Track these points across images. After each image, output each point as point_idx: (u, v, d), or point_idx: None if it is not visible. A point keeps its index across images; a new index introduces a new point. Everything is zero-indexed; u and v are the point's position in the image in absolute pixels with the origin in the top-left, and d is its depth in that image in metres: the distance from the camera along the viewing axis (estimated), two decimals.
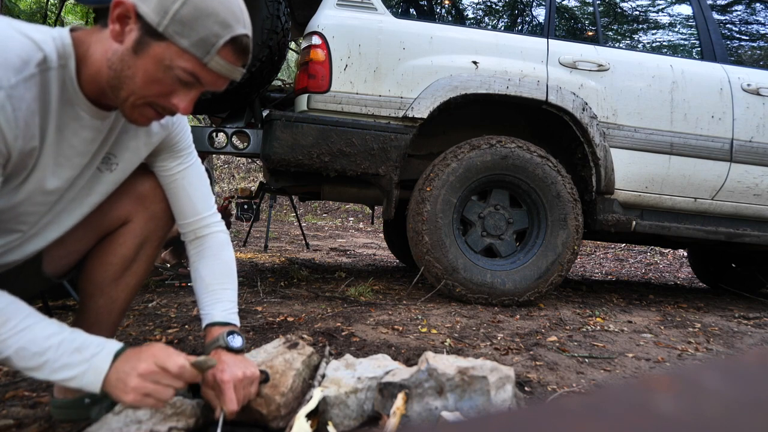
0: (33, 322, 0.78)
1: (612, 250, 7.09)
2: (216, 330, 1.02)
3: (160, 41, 0.78)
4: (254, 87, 2.57)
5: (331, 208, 12.10)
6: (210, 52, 0.80)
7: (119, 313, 1.12)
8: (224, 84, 0.86)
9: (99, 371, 0.80)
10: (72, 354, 0.79)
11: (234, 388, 0.92)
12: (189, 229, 1.10)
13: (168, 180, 1.07)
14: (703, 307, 2.82)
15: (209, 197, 1.13)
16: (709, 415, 0.18)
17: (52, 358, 0.77)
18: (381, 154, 2.30)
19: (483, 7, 2.72)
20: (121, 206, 1.06)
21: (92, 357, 0.80)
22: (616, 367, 1.54)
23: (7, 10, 6.23)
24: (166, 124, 1.02)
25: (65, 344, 0.79)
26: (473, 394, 0.96)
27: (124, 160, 0.99)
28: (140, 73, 0.80)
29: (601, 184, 2.47)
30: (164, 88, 0.82)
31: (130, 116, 0.85)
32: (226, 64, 0.82)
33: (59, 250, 1.04)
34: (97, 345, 0.82)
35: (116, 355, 0.82)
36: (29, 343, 0.77)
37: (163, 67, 0.79)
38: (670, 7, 2.73)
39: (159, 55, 0.79)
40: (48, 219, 0.94)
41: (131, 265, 1.11)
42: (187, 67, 0.80)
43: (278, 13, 2.43)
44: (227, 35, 0.80)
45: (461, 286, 2.29)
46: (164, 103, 0.84)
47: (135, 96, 0.82)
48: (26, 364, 0.77)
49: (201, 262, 1.09)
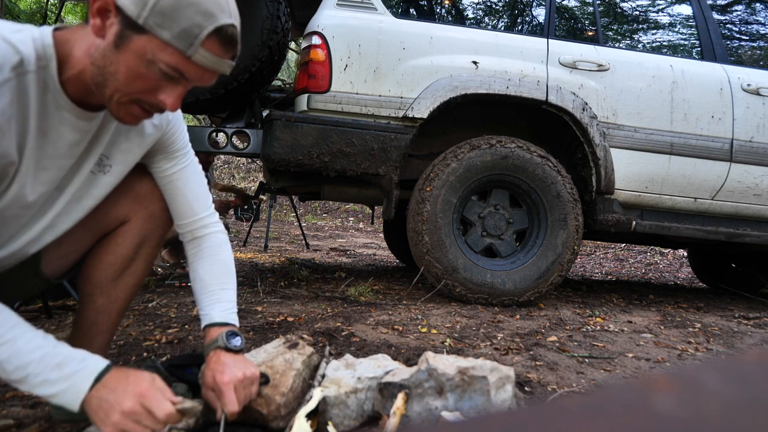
0: (18, 333, 0.76)
1: (612, 250, 7.09)
2: (215, 330, 1.02)
3: (141, 34, 0.74)
4: (254, 87, 2.57)
5: (331, 208, 12.09)
6: (193, 45, 0.76)
7: (118, 313, 1.12)
8: (212, 78, 0.82)
9: (78, 392, 0.77)
10: (53, 370, 0.76)
11: (234, 389, 0.91)
12: (187, 230, 1.10)
13: (164, 181, 1.06)
14: (703, 307, 2.82)
15: (207, 198, 1.12)
16: (709, 415, 0.18)
17: (33, 372, 0.75)
18: (381, 154, 2.30)
19: (483, 7, 2.72)
20: (119, 206, 1.05)
21: (72, 375, 0.77)
22: (616, 367, 1.54)
23: (7, 9, 6.23)
24: (160, 125, 1.00)
25: (47, 359, 0.76)
26: (473, 394, 0.96)
27: (118, 162, 0.98)
28: (123, 68, 0.76)
29: (601, 184, 2.47)
30: (149, 83, 0.79)
31: (117, 114, 0.83)
32: (211, 57, 0.78)
33: (58, 250, 1.04)
34: (79, 361, 0.79)
35: (99, 376, 0.79)
36: (12, 356, 0.75)
37: (146, 62, 0.76)
38: (670, 7, 2.73)
39: (140, 49, 0.75)
40: (44, 224, 0.93)
41: (130, 265, 1.11)
42: (170, 61, 0.76)
43: (278, 13, 2.43)
44: (211, 26, 0.76)
45: (461, 286, 2.29)
46: (150, 100, 0.81)
47: (120, 93, 0.79)
48: (9, 376, 0.75)
49: (199, 263, 1.09)
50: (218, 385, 0.91)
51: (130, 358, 1.40)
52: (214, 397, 0.92)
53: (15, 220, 0.89)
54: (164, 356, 1.43)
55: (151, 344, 1.53)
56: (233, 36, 0.79)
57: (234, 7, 0.81)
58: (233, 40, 0.80)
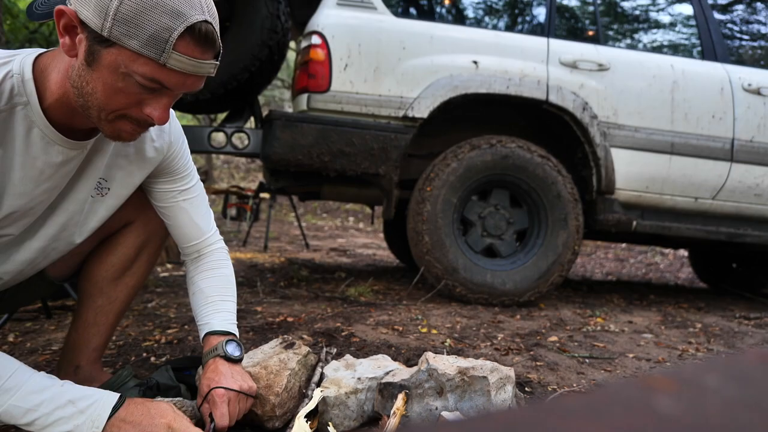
0: (22, 378, 0.76)
1: (612, 250, 7.09)
2: (215, 339, 1.01)
3: (109, 47, 0.69)
4: (254, 87, 2.57)
5: (331, 208, 12.10)
6: (165, 50, 0.69)
7: (117, 313, 1.12)
8: (196, 83, 0.76)
9: (96, 423, 0.76)
10: (65, 407, 0.76)
11: (228, 401, 0.90)
12: (193, 250, 1.09)
13: (169, 203, 1.04)
14: (703, 307, 2.82)
15: (211, 217, 1.12)
16: (710, 415, 0.18)
17: (45, 412, 0.75)
18: (381, 153, 2.30)
19: (483, 7, 2.72)
20: (123, 210, 1.05)
21: (88, 408, 0.77)
22: (617, 367, 1.54)
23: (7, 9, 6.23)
24: (161, 148, 0.98)
25: (57, 398, 0.76)
26: (473, 394, 0.96)
27: (117, 185, 0.96)
28: (100, 86, 0.72)
29: (602, 184, 2.47)
30: (130, 98, 0.74)
31: (109, 134, 0.79)
32: (188, 60, 0.71)
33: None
34: (92, 396, 0.79)
35: (116, 406, 0.79)
36: (20, 401, 0.74)
37: (121, 76, 0.71)
38: (671, 7, 2.73)
39: (112, 63, 0.70)
40: (47, 246, 0.93)
41: (131, 266, 1.11)
42: (145, 72, 0.70)
43: (278, 13, 2.43)
44: (181, 26, 0.69)
45: (461, 286, 2.29)
46: (137, 115, 0.76)
47: (104, 111, 0.74)
48: (18, 421, 0.75)
49: (200, 275, 1.08)
50: (212, 397, 0.90)
51: (129, 359, 1.40)
52: (207, 407, 0.91)
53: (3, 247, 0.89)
54: (164, 357, 1.42)
55: (150, 344, 1.52)
56: (209, 33, 0.72)
57: (207, 0, 0.74)
58: (210, 38, 0.73)
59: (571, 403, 0.19)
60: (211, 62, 0.75)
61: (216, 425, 0.88)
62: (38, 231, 0.92)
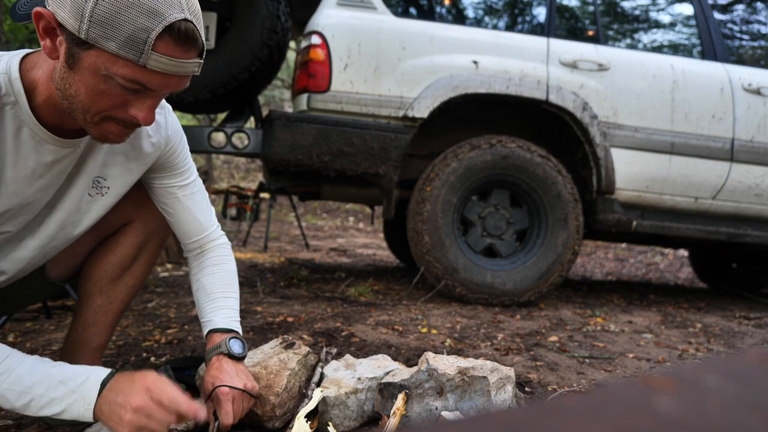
0: (15, 362, 0.76)
1: (612, 250, 7.09)
2: (218, 336, 1.01)
3: (88, 50, 0.68)
4: (254, 87, 2.57)
5: (331, 208, 12.09)
6: (144, 51, 0.68)
7: (117, 313, 1.12)
8: (180, 83, 0.75)
9: (87, 401, 0.77)
10: (57, 387, 0.76)
11: (232, 400, 0.90)
12: (195, 246, 1.09)
13: (170, 198, 1.04)
14: (703, 307, 2.82)
15: (212, 212, 1.11)
16: (709, 415, 0.18)
17: (37, 394, 0.75)
18: (381, 153, 2.30)
19: (483, 7, 2.72)
20: (123, 209, 1.05)
21: (78, 387, 0.77)
22: (617, 367, 1.54)
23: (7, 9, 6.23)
24: (158, 143, 0.97)
25: (49, 379, 0.76)
26: (473, 394, 0.96)
27: (116, 183, 0.96)
28: (82, 88, 0.71)
29: (602, 184, 2.47)
30: (114, 100, 0.73)
31: (97, 135, 0.79)
32: (169, 60, 0.70)
33: (62, 254, 1.04)
34: (82, 374, 0.79)
35: (104, 382, 0.79)
36: (14, 384, 0.74)
37: (103, 78, 0.70)
38: (671, 7, 2.73)
39: (92, 65, 0.69)
40: (46, 245, 0.94)
41: (131, 265, 1.11)
42: (125, 74, 0.69)
43: (278, 13, 2.43)
44: (159, 26, 0.67)
45: (461, 286, 2.29)
46: (122, 116, 0.76)
47: (89, 113, 0.74)
48: (14, 404, 0.75)
49: (203, 272, 1.08)
50: (217, 395, 0.90)
51: (129, 359, 1.40)
52: (210, 405, 0.92)
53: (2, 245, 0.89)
54: (163, 357, 1.42)
55: (150, 344, 1.52)
56: (189, 31, 0.70)
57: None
58: (191, 36, 0.71)
59: (571, 403, 0.19)
60: (194, 61, 0.74)
61: (220, 423, 0.88)
62: (37, 229, 0.92)
